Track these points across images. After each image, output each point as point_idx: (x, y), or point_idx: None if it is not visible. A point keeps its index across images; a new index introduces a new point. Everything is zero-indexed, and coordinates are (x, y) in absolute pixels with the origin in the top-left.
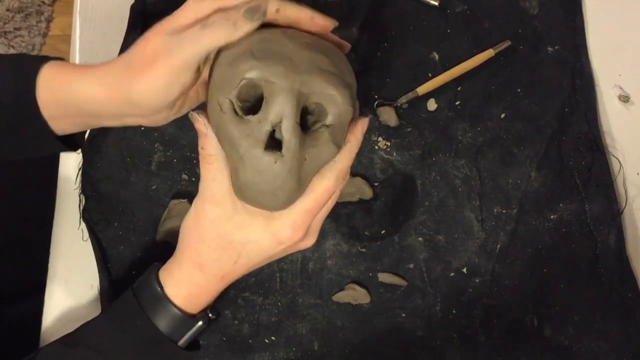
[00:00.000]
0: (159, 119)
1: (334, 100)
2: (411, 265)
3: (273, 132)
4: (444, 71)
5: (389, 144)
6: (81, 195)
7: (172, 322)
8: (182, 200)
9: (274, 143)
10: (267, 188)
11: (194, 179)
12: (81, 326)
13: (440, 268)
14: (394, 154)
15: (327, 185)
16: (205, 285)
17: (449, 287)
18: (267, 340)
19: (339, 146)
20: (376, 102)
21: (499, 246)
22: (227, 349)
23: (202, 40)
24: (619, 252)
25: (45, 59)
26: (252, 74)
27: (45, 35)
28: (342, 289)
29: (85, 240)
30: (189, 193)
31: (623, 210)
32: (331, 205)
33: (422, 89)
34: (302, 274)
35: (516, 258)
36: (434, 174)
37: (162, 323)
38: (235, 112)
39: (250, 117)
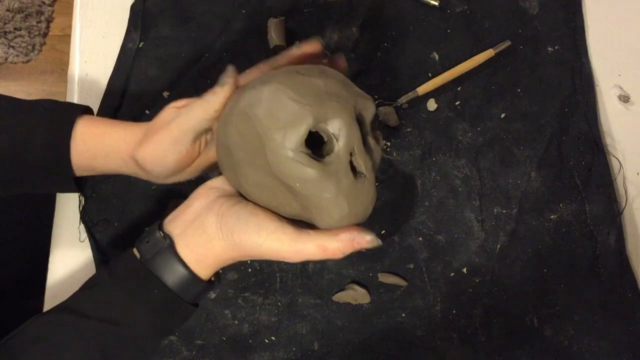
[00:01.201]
0: (168, 181)
1: (370, 108)
2: (411, 265)
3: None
4: (444, 71)
5: (389, 144)
6: (81, 196)
7: (182, 281)
8: (182, 200)
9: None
10: (360, 206)
11: (193, 179)
12: (84, 292)
13: (440, 268)
14: (394, 154)
15: (332, 248)
16: (221, 259)
17: (449, 287)
18: (267, 340)
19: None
20: (376, 102)
21: (499, 246)
22: (227, 349)
23: (193, 111)
24: (619, 252)
25: (79, 108)
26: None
27: (45, 35)
28: (342, 289)
29: (83, 241)
30: (189, 193)
31: (623, 210)
32: None
33: (422, 89)
34: (302, 274)
35: (516, 258)
36: (434, 174)
37: (173, 282)
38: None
39: (325, 159)
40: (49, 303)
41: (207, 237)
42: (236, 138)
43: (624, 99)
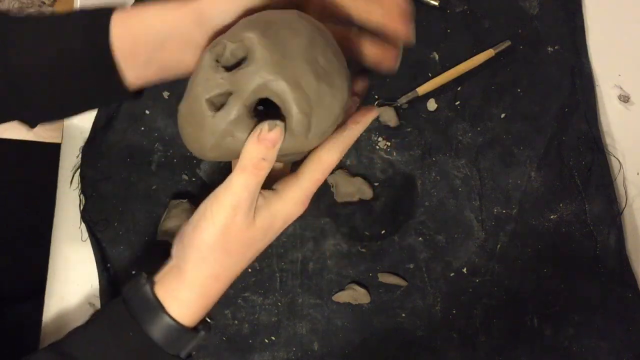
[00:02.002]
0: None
1: (291, 116)
2: (411, 265)
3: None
4: (444, 71)
5: (389, 144)
6: (81, 195)
7: (171, 334)
8: (182, 200)
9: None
10: (193, 131)
11: (194, 179)
12: (69, 335)
13: (440, 268)
14: (394, 154)
15: (332, 161)
16: (217, 293)
17: (449, 287)
18: (267, 340)
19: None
20: (376, 102)
21: (499, 246)
22: (227, 349)
23: None
24: (619, 252)
25: (110, 10)
26: (246, 41)
27: None
28: (342, 289)
29: (85, 240)
30: (189, 193)
31: (623, 210)
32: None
33: (422, 89)
34: (302, 274)
35: (516, 258)
36: (434, 174)
37: (159, 335)
38: (217, 62)
39: (222, 69)
40: (49, 303)
41: (177, 269)
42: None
43: (624, 99)
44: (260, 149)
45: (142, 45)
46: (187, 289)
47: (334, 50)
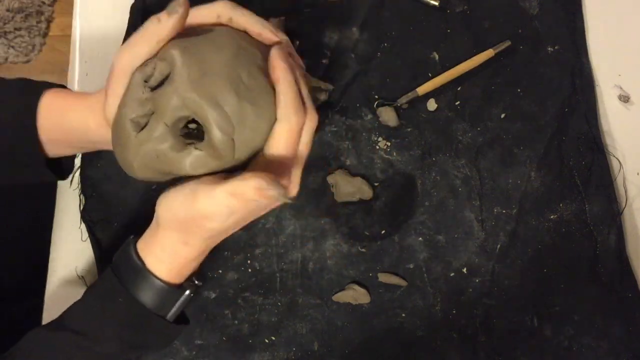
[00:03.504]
0: None
1: (213, 137)
2: (411, 265)
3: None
4: (444, 71)
5: (389, 144)
6: (81, 195)
7: (158, 295)
8: None
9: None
10: (120, 151)
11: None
12: (67, 309)
13: (440, 268)
14: (394, 154)
15: (289, 125)
16: (190, 257)
17: (449, 287)
18: (267, 340)
19: (223, 160)
20: (376, 102)
21: (499, 246)
22: (227, 349)
23: (134, 43)
24: (619, 252)
25: (47, 85)
26: (169, 59)
27: (45, 35)
28: (342, 289)
29: (85, 240)
30: None
31: (623, 210)
32: (309, 141)
33: (422, 89)
34: (302, 274)
35: (516, 258)
36: (434, 174)
37: (147, 298)
38: (146, 82)
39: (148, 91)
40: (49, 303)
41: (154, 226)
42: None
43: (624, 99)
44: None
45: (68, 138)
46: (159, 248)
47: (260, 67)
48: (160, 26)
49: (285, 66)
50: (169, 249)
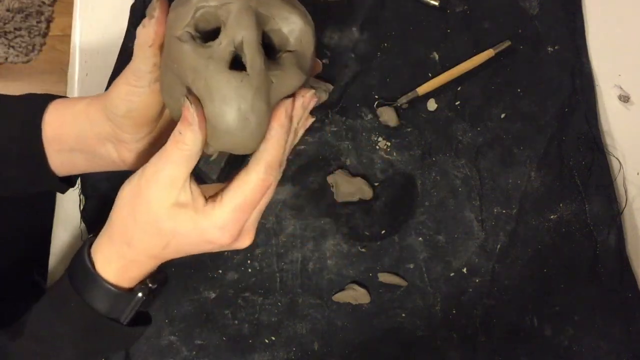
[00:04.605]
0: (134, 140)
1: (293, 24)
2: (411, 265)
3: (236, 58)
4: (444, 71)
5: (389, 144)
6: (81, 195)
7: (108, 299)
8: None
9: (238, 68)
10: (237, 115)
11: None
12: (27, 312)
13: (440, 268)
14: (394, 154)
15: (256, 180)
16: (135, 260)
17: (449, 287)
18: (267, 340)
19: (305, 72)
20: (376, 102)
21: (499, 246)
22: (227, 349)
23: (135, 50)
24: (619, 252)
25: (52, 97)
26: (208, 1)
27: (45, 35)
28: (342, 289)
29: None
30: None
31: (623, 210)
32: (267, 201)
33: (422, 89)
34: (302, 274)
35: (516, 258)
36: (434, 174)
37: (98, 302)
38: (195, 41)
39: (210, 43)
40: None
41: (106, 224)
42: (171, 19)
43: (624, 99)
44: (180, 124)
45: (66, 132)
46: (107, 245)
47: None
48: (144, 31)
49: (284, 125)
50: (116, 248)
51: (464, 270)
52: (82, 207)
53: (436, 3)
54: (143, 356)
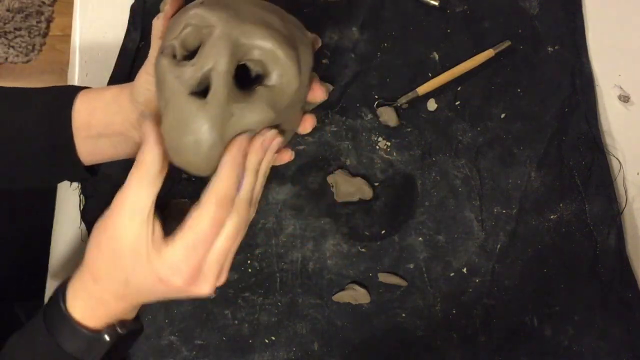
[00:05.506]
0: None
1: (276, 59)
2: (411, 265)
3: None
4: (444, 71)
5: (389, 144)
6: (81, 195)
7: (74, 338)
8: (182, 200)
9: (204, 92)
10: (189, 139)
11: (193, 179)
12: (9, 340)
13: (440, 268)
14: (394, 154)
15: (206, 216)
16: (101, 299)
17: (449, 287)
18: (267, 340)
19: (277, 111)
20: (376, 102)
21: (499, 246)
22: (227, 349)
23: (154, 23)
24: (619, 252)
25: (77, 88)
26: (194, 19)
27: (45, 35)
28: (342, 289)
29: (85, 240)
30: (189, 193)
31: (623, 210)
32: (231, 243)
33: (422, 89)
34: (302, 274)
35: (516, 258)
36: (434, 174)
37: (66, 340)
38: (175, 57)
39: (185, 62)
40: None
41: (79, 272)
42: (167, 27)
43: (624, 99)
44: (142, 145)
45: (96, 118)
46: (77, 281)
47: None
48: (156, 23)
49: (236, 155)
50: (84, 284)
51: (464, 270)
52: (82, 207)
53: (436, 3)
54: (143, 356)
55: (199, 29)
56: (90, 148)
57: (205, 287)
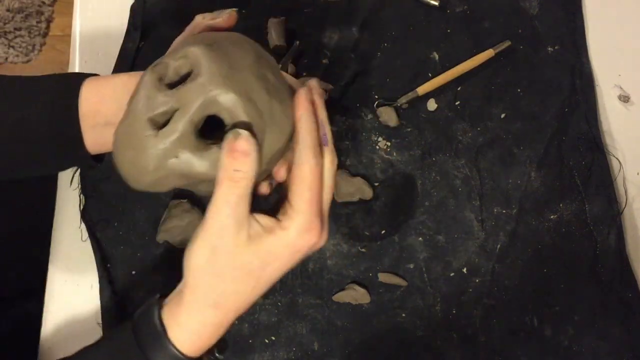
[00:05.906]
0: None
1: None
2: (411, 265)
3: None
4: (444, 71)
5: (389, 144)
6: (81, 195)
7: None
8: (182, 200)
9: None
10: (130, 153)
11: None
12: (81, 355)
13: (440, 268)
14: (394, 154)
15: (309, 170)
16: (219, 323)
17: (449, 287)
18: (267, 340)
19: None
20: (376, 102)
21: (499, 246)
22: (227, 349)
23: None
24: (619, 252)
25: (84, 75)
26: (190, 56)
27: (45, 35)
28: (342, 289)
29: (85, 240)
30: (189, 193)
31: (623, 210)
32: (332, 186)
33: (422, 89)
34: (302, 274)
35: (516, 258)
36: (434, 174)
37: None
38: (161, 80)
39: (166, 89)
40: (48, 303)
41: (180, 293)
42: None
43: (624, 99)
44: (230, 160)
45: (106, 106)
46: (185, 314)
47: (279, 70)
48: (197, 22)
49: (308, 106)
50: (196, 317)
51: (464, 270)
52: (82, 207)
53: (436, 3)
54: None
55: (191, 64)
56: (97, 136)
57: (325, 236)
